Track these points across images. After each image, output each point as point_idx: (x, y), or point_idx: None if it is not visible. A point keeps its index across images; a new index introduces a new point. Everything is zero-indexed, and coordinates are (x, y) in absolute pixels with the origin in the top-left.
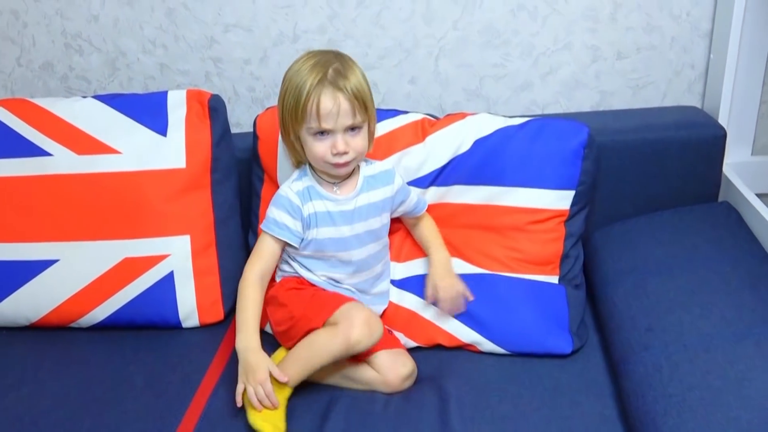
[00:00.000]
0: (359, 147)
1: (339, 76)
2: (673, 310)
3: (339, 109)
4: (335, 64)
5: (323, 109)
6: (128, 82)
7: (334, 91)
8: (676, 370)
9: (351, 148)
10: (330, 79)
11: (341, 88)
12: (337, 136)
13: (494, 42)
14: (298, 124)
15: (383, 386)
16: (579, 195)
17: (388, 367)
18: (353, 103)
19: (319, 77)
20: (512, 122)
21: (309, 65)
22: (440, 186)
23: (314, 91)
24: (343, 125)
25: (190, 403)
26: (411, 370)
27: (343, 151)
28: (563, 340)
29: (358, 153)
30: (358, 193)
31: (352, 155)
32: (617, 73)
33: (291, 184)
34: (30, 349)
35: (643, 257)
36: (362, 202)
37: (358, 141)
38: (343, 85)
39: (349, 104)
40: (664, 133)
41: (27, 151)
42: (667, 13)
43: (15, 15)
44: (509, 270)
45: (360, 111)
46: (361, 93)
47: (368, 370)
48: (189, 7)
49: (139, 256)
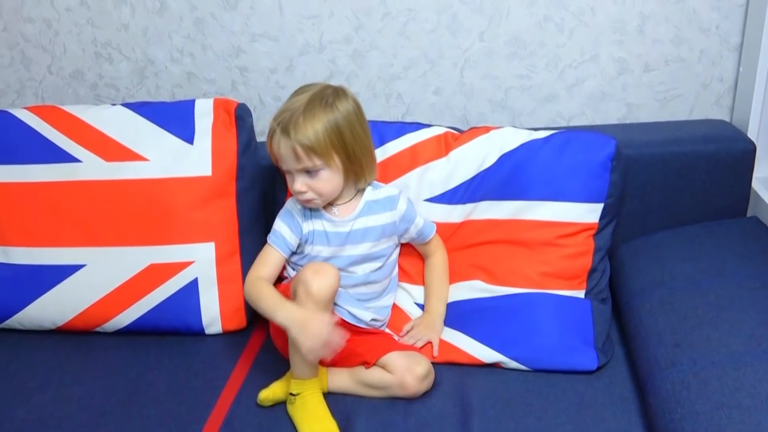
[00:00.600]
0: (320, 188)
1: (292, 123)
2: (701, 326)
3: (281, 154)
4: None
5: (274, 151)
6: (156, 91)
7: (283, 138)
8: (705, 388)
9: (311, 189)
10: (284, 125)
11: (289, 136)
12: (294, 176)
13: (520, 53)
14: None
15: (400, 389)
16: (607, 208)
17: (403, 368)
18: (294, 150)
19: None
20: (537, 135)
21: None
22: (466, 203)
23: (272, 133)
24: (294, 168)
25: (212, 409)
26: (426, 369)
27: (298, 191)
28: (588, 357)
29: (320, 194)
30: (357, 216)
31: (311, 195)
32: (644, 86)
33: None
34: (55, 353)
35: (670, 272)
36: (359, 226)
37: (318, 183)
38: (292, 134)
39: (291, 152)
40: (693, 147)
41: (57, 157)
42: (696, 26)
43: (47, 24)
44: (536, 285)
45: (306, 158)
46: (310, 140)
47: (384, 373)
48: (217, 17)
49: (164, 263)
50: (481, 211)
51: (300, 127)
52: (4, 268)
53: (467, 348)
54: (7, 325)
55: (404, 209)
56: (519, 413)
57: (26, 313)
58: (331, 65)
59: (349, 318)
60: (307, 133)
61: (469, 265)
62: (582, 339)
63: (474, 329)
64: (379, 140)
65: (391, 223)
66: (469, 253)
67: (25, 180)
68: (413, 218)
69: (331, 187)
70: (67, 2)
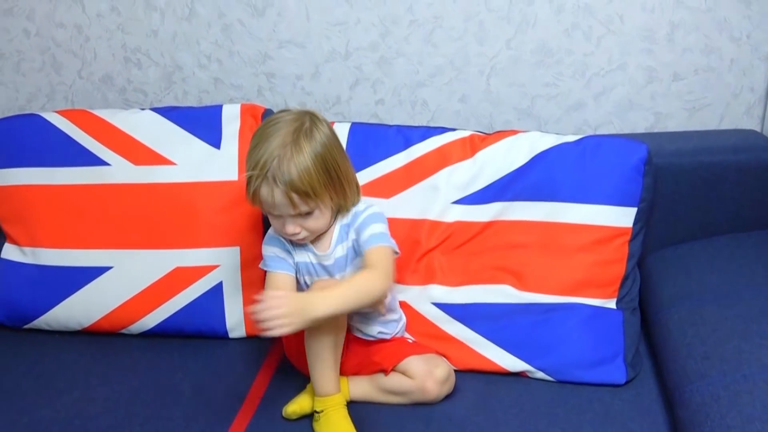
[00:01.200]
0: (312, 227)
1: (279, 168)
2: (731, 339)
3: (275, 202)
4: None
5: (263, 200)
6: (183, 96)
7: (271, 185)
8: (736, 401)
9: (303, 228)
10: (270, 172)
11: (277, 183)
12: (285, 220)
13: (547, 61)
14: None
15: (421, 395)
16: (641, 212)
17: (423, 372)
18: (290, 197)
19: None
20: (566, 139)
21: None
22: (495, 202)
23: (255, 180)
24: (287, 213)
25: (236, 414)
26: (447, 372)
27: (291, 233)
28: (617, 371)
29: (313, 231)
30: (335, 246)
31: (304, 234)
32: (673, 95)
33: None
34: (81, 354)
35: (698, 283)
36: (339, 254)
37: (309, 223)
38: (280, 180)
39: (285, 199)
40: (722, 157)
41: (86, 161)
42: (726, 36)
43: (78, 29)
44: (568, 292)
45: (301, 202)
46: (303, 184)
47: (404, 379)
48: (245, 23)
49: (190, 266)
50: (513, 212)
51: (293, 173)
52: (32, 269)
53: (492, 356)
54: (34, 325)
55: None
56: (544, 423)
57: (53, 313)
58: (357, 72)
59: (357, 333)
60: (298, 176)
61: (498, 268)
62: (612, 352)
63: (500, 336)
64: (405, 143)
65: (354, 239)
66: (499, 255)
67: (54, 182)
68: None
69: (324, 223)
70: (99, 8)
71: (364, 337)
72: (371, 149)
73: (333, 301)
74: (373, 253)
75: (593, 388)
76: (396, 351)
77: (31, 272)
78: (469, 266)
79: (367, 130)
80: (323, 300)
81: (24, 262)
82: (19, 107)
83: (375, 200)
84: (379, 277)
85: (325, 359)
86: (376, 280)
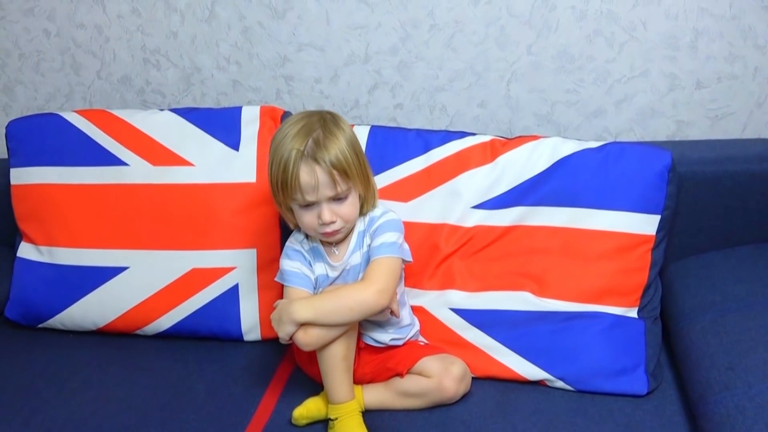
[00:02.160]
0: (346, 215)
1: (318, 148)
2: (755, 349)
3: (317, 182)
4: (316, 132)
5: (303, 184)
6: (201, 98)
7: (312, 164)
8: (762, 413)
9: (338, 216)
10: (308, 152)
11: (318, 161)
12: (322, 207)
13: (568, 67)
14: (286, 197)
15: (439, 393)
16: (664, 220)
17: (439, 370)
18: (331, 174)
19: (299, 150)
20: (588, 145)
21: (292, 133)
22: (516, 206)
23: (294, 165)
24: (326, 196)
25: (251, 417)
26: (463, 370)
27: (329, 221)
28: (639, 381)
29: (347, 220)
30: (352, 252)
31: (339, 224)
32: (696, 103)
33: (302, 242)
34: (96, 354)
35: (721, 293)
36: (354, 262)
37: (344, 209)
38: (320, 158)
39: (327, 177)
40: (746, 166)
41: (104, 160)
42: (751, 43)
43: (98, 30)
44: (590, 300)
45: (341, 181)
46: (341, 163)
47: (420, 379)
48: (265, 26)
49: (206, 268)
50: (534, 218)
51: (330, 149)
52: (48, 268)
53: (511, 364)
54: (49, 324)
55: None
56: None
57: (68, 313)
58: (376, 76)
59: (370, 342)
60: (337, 153)
61: (518, 274)
62: (633, 362)
63: (519, 344)
64: (424, 147)
65: (369, 245)
66: (519, 261)
67: (72, 182)
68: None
69: (355, 212)
70: (119, 9)
71: (375, 344)
72: (390, 152)
73: (315, 307)
74: (375, 265)
75: (614, 398)
76: (410, 354)
77: (47, 271)
78: (488, 272)
79: (387, 133)
80: (306, 305)
81: (40, 261)
82: (38, 107)
83: (393, 204)
84: (372, 292)
85: (336, 366)
86: (369, 295)
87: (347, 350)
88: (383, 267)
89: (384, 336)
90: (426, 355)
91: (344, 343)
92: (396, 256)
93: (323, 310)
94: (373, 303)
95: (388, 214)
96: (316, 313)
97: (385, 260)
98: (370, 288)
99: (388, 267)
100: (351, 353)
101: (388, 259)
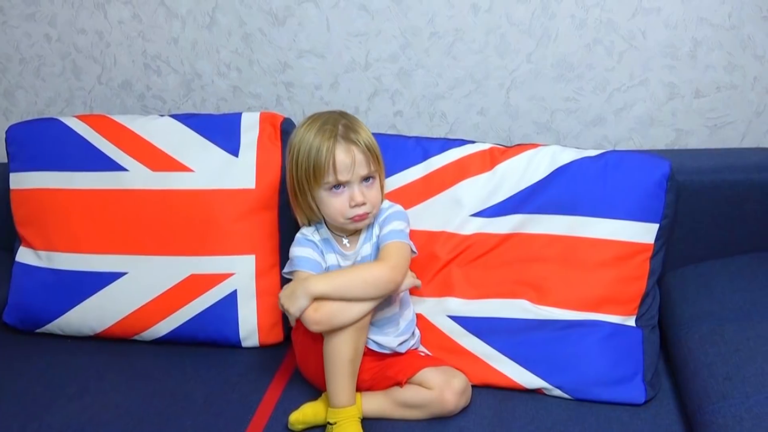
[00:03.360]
0: (374, 198)
1: (349, 131)
2: (753, 359)
3: (354, 160)
4: (342, 122)
5: (339, 163)
6: (201, 103)
7: (347, 144)
8: (759, 423)
9: (368, 199)
10: (341, 134)
11: (354, 141)
12: (354, 188)
13: (567, 76)
14: (315, 184)
15: (439, 406)
16: (662, 229)
17: (441, 383)
18: (367, 154)
19: (331, 134)
20: (587, 153)
21: (315, 128)
22: (515, 214)
23: (328, 147)
24: (359, 176)
25: (248, 424)
26: (465, 383)
27: (361, 202)
28: (637, 390)
29: (374, 205)
30: (362, 244)
31: (369, 207)
32: (695, 112)
33: (312, 235)
34: (93, 360)
35: (719, 302)
36: (366, 252)
37: (373, 193)
38: (355, 138)
39: (363, 156)
40: (745, 175)
41: (104, 166)
42: (750, 53)
43: (99, 35)
44: (588, 308)
45: (374, 162)
46: (373, 145)
47: (421, 390)
48: (265, 32)
49: (205, 273)
50: (533, 225)
51: (360, 133)
52: (47, 273)
53: (508, 372)
54: (47, 329)
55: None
56: None
57: (66, 318)
58: (376, 83)
59: (374, 347)
60: (367, 137)
61: (517, 282)
62: (631, 371)
63: (517, 352)
64: (423, 155)
65: (378, 235)
66: (518, 269)
67: (71, 187)
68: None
69: (380, 198)
70: (120, 15)
71: (380, 349)
72: (389, 160)
73: (330, 279)
74: (387, 247)
75: (611, 407)
76: (410, 363)
77: (45, 276)
78: (487, 279)
79: (386, 141)
80: (321, 277)
81: (39, 266)
82: (38, 111)
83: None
84: (386, 267)
85: (342, 368)
86: (383, 270)
87: (355, 354)
88: (394, 248)
89: (389, 340)
90: (427, 366)
91: (352, 345)
92: (405, 242)
93: (338, 282)
94: (387, 277)
95: (395, 206)
96: (332, 284)
97: (396, 243)
98: (384, 264)
99: (398, 249)
100: (358, 358)
101: (398, 243)
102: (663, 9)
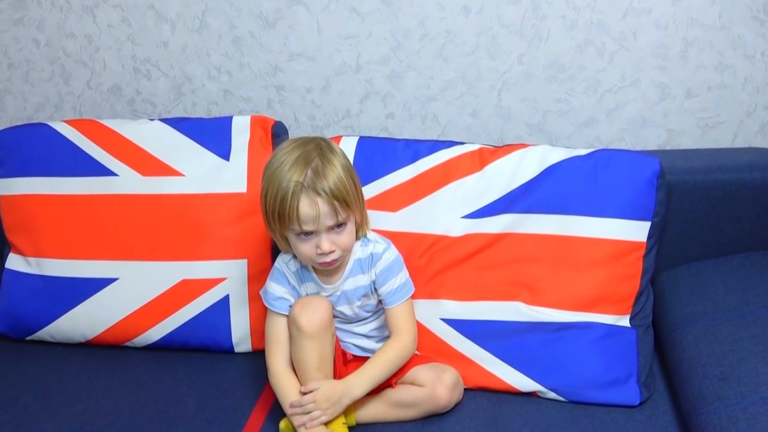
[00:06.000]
0: (344, 243)
1: (318, 177)
2: (747, 360)
3: (319, 212)
4: (314, 161)
5: (303, 215)
6: (192, 107)
7: (313, 196)
8: (754, 424)
9: (337, 246)
10: (308, 183)
11: (319, 192)
12: (321, 237)
13: (559, 77)
14: (282, 227)
15: (432, 402)
16: (654, 227)
17: (432, 379)
18: (332, 205)
19: (298, 181)
20: (576, 153)
21: (290, 161)
22: (505, 214)
23: (293, 196)
24: (326, 226)
25: (242, 430)
26: (455, 377)
27: (328, 251)
28: (631, 392)
29: (345, 249)
30: (346, 278)
31: (338, 253)
32: (686, 112)
33: (288, 263)
34: (84, 367)
35: (713, 302)
36: (348, 287)
37: (343, 238)
38: (321, 189)
39: (329, 207)
40: (737, 175)
41: (93, 171)
42: (740, 53)
43: (89, 39)
44: (582, 308)
45: (342, 210)
46: (341, 192)
47: (413, 388)
48: (256, 35)
49: (197, 279)
50: (524, 225)
51: (329, 178)
52: (37, 280)
53: (503, 375)
54: (37, 336)
55: (383, 266)
56: None
57: (57, 325)
58: (368, 85)
59: (357, 351)
60: (336, 182)
61: (509, 283)
62: (625, 372)
63: (511, 355)
64: (413, 157)
65: (371, 283)
66: (510, 270)
67: (61, 192)
68: (391, 275)
69: (353, 240)
70: (109, 19)
71: (363, 354)
72: (379, 163)
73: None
74: (395, 315)
75: (606, 409)
76: None
77: (35, 283)
78: (479, 281)
79: (375, 143)
80: (360, 383)
81: (28, 273)
82: (27, 117)
83: (381, 214)
84: (407, 341)
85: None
86: (407, 345)
87: (320, 361)
88: (404, 314)
89: (372, 344)
90: (417, 365)
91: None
92: (409, 299)
93: (375, 376)
94: (411, 349)
95: (390, 251)
96: (372, 382)
97: (402, 307)
98: (404, 338)
99: (407, 312)
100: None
101: (404, 305)
102: (654, 10)
